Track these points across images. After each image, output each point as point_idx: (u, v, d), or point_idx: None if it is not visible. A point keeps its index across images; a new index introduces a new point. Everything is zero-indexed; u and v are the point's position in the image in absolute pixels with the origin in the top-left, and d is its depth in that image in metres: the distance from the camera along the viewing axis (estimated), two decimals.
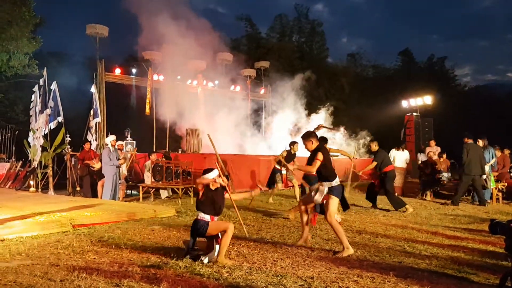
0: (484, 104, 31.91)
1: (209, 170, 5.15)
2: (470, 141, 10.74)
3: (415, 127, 19.03)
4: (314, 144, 5.69)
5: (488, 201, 11.04)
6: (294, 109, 21.35)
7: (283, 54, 29.20)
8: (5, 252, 5.17)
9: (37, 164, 12.60)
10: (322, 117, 20.53)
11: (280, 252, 5.34)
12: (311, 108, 27.03)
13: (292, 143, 10.55)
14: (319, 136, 7.90)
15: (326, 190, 5.48)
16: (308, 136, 5.79)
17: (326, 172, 5.53)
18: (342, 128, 20.47)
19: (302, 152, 10.68)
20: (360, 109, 27.50)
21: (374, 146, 10.05)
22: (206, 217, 5.01)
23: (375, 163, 9.77)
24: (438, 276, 4.46)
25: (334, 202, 5.46)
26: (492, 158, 11.56)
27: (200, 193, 5.10)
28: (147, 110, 16.75)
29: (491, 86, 44.34)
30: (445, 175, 12.89)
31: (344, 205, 5.82)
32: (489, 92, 38.53)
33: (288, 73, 24.28)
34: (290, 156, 10.38)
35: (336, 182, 5.52)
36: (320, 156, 5.46)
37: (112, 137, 10.65)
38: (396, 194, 10.37)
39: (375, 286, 4.09)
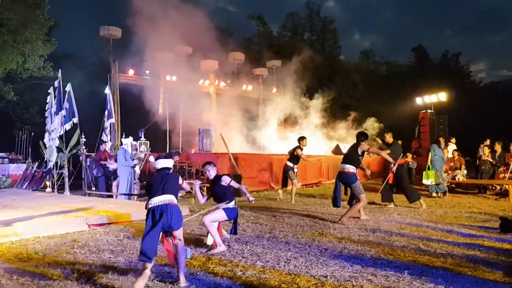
0: (501, 100, 31.38)
1: None
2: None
3: (429, 124, 18.83)
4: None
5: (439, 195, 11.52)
6: (306, 107, 21.31)
7: (295, 52, 29.11)
8: (22, 252, 5.27)
9: (53, 165, 12.77)
10: (319, 102, 20.55)
11: (293, 251, 5.35)
12: (323, 105, 26.97)
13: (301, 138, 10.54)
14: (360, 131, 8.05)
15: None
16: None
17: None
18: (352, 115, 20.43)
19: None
20: (374, 106, 27.28)
21: (389, 138, 9.67)
22: None
23: (388, 151, 9.22)
24: (453, 274, 4.42)
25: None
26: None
27: None
28: (160, 110, 16.88)
29: (507, 81, 43.55)
30: (460, 173, 12.77)
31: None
32: (505, 88, 37.86)
33: (300, 72, 24.21)
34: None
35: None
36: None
37: (130, 139, 10.81)
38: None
39: (389, 285, 4.07)
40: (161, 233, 4.04)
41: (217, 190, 5.84)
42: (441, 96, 19.84)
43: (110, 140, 14.42)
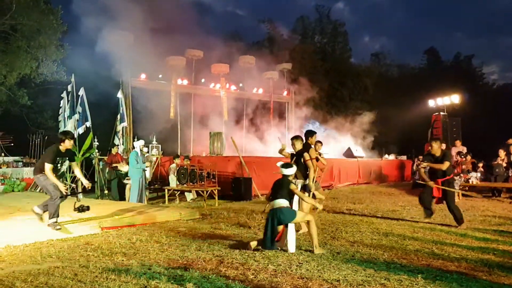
0: None
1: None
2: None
3: (442, 127, 18.63)
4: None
5: None
6: (317, 110, 21.24)
7: (305, 55, 29.10)
8: (36, 255, 5.33)
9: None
10: (330, 106, 20.35)
11: (305, 255, 5.33)
12: (334, 108, 26.88)
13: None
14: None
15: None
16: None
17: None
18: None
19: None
20: (385, 109, 27.13)
21: (437, 148, 7.63)
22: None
23: (448, 164, 7.51)
24: (468, 278, 4.36)
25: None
26: None
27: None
28: (172, 114, 16.95)
29: None
30: (473, 175, 12.62)
31: None
32: None
33: (311, 75, 24.16)
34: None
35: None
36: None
37: (141, 142, 10.86)
38: None
39: None
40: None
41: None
42: (454, 99, 19.65)
43: (122, 144, 14.53)
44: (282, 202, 5.56)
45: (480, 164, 13.07)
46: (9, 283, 4.19)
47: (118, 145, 13.49)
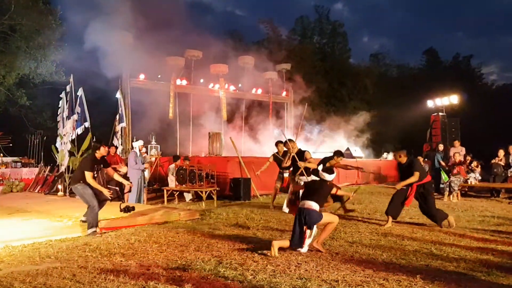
0: None
1: None
2: None
3: (441, 127, 18.64)
4: None
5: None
6: (316, 110, 21.21)
7: (304, 56, 29.12)
8: (35, 255, 5.32)
9: (65, 169, 12.88)
10: (329, 106, 20.35)
11: (304, 255, 5.32)
12: (333, 109, 26.88)
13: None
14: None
15: None
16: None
17: None
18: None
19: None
20: (384, 109, 27.17)
21: (403, 157, 7.60)
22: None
23: (417, 174, 7.31)
24: (467, 279, 4.36)
25: None
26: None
27: None
28: (171, 115, 16.94)
29: None
30: (472, 176, 12.62)
31: None
32: None
33: (310, 75, 24.16)
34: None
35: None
36: None
37: (140, 142, 10.84)
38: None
39: None
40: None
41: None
42: (453, 99, 19.65)
43: (121, 144, 14.51)
44: (312, 204, 5.49)
45: (474, 164, 13.00)
46: (8, 283, 4.18)
47: (117, 146, 13.45)
